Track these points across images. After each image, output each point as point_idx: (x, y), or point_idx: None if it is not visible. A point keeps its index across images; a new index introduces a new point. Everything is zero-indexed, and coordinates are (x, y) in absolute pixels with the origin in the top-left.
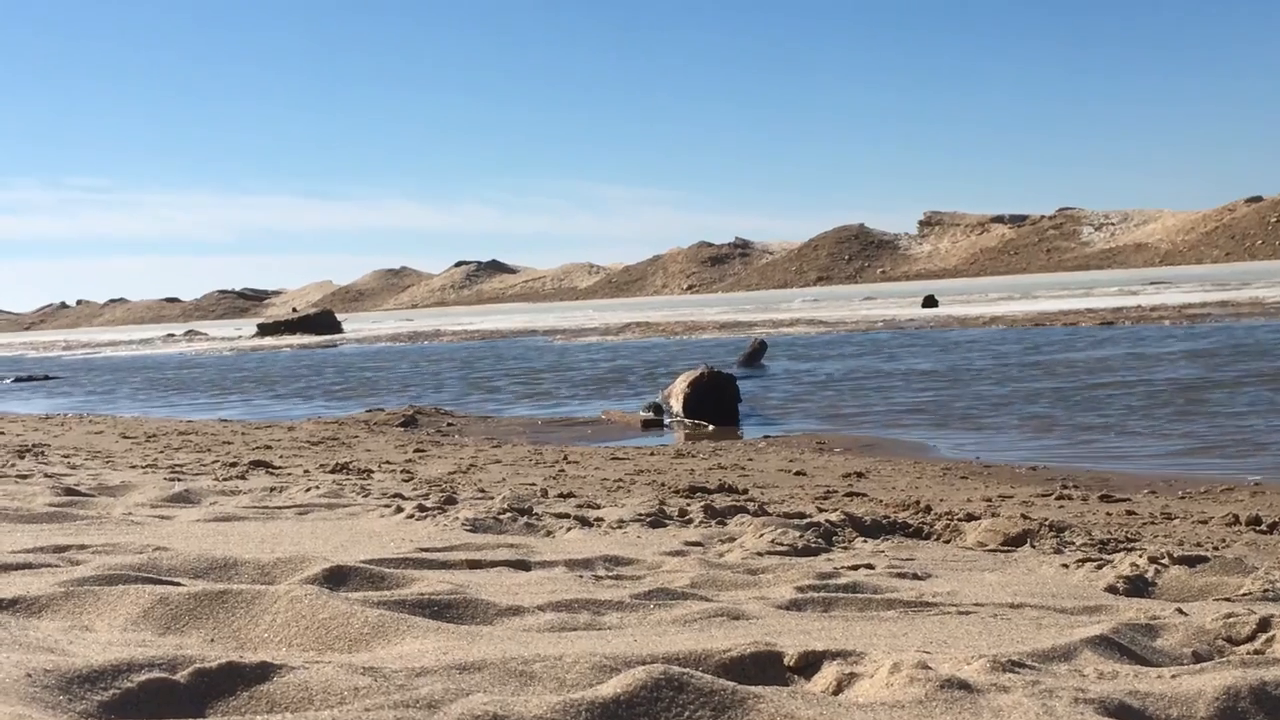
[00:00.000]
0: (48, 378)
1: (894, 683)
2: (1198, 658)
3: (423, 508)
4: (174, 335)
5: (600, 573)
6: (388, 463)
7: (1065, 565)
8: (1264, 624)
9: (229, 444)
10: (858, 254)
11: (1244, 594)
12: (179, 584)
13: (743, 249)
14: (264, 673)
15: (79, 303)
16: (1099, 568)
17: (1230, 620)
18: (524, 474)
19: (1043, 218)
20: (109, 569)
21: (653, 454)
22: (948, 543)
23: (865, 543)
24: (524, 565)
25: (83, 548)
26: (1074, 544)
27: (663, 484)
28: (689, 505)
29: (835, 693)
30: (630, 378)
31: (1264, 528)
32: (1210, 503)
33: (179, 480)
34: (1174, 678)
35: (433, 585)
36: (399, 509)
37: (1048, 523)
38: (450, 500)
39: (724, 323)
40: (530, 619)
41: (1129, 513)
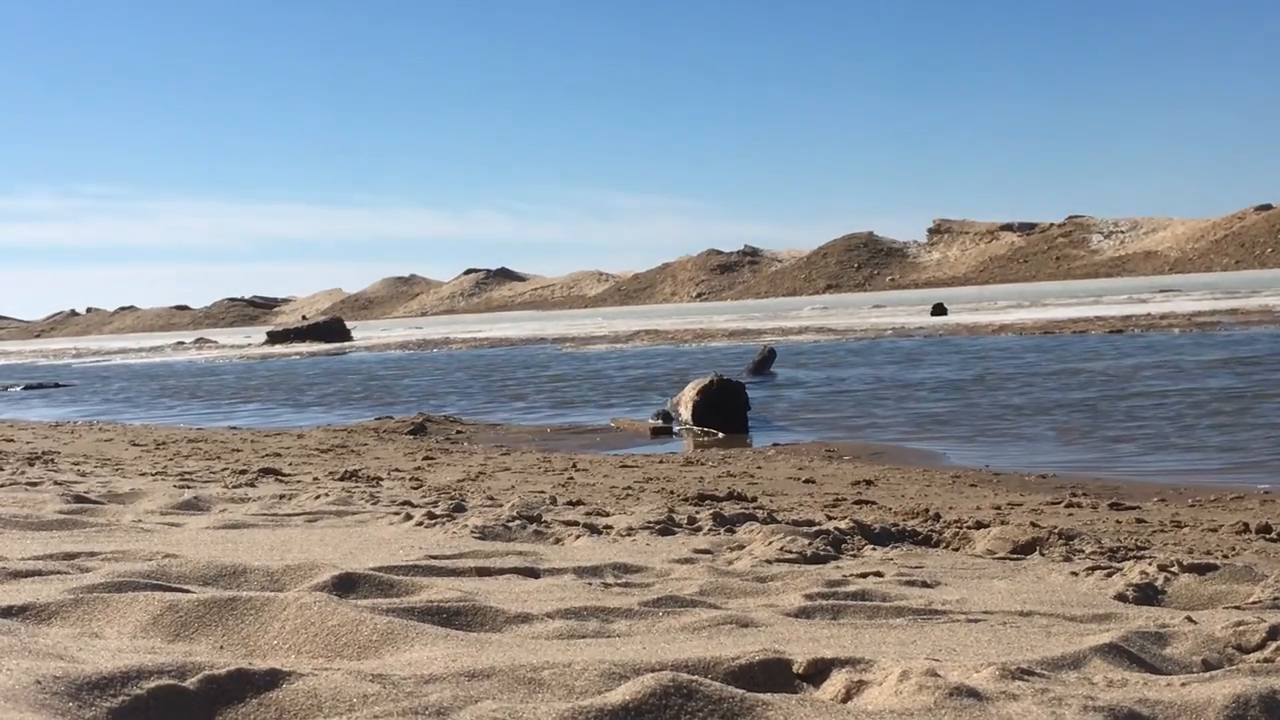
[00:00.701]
0: (58, 385)
1: (903, 690)
2: (1207, 666)
3: (432, 515)
4: (184, 343)
5: (609, 580)
6: (397, 470)
7: (1075, 573)
8: (1274, 632)
9: (238, 451)
10: (867, 262)
11: (1254, 602)
12: (188, 591)
13: (752, 257)
14: (273, 680)
15: (89, 310)
16: (1108, 575)
17: (1240, 628)
18: (533, 482)
19: (1052, 226)
20: (118, 576)
21: (662, 462)
22: (957, 550)
23: (874, 550)
24: (533, 573)
25: (92, 555)
26: (1083, 552)
27: (672, 492)
28: (698, 513)
29: (844, 700)
30: (639, 385)
31: (1274, 536)
32: (1220, 510)
33: (188, 488)
34: (1184, 686)
35: (442, 592)
36: (408, 516)
37: (1057, 530)
38: (459, 508)
39: (733, 331)
40: (539, 626)
41: (1139, 520)
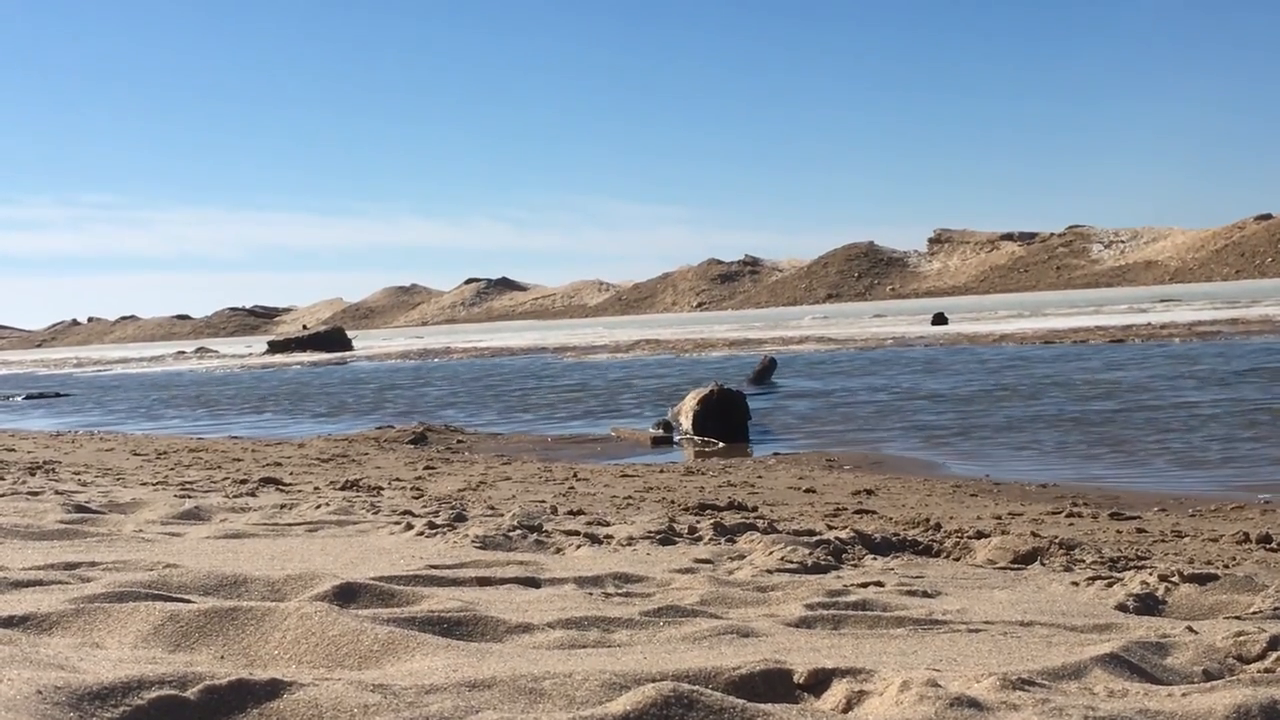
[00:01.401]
0: (59, 395)
1: (904, 701)
2: (1208, 676)
3: (433, 525)
4: (184, 352)
5: (610, 590)
6: (398, 480)
7: (1075, 583)
8: (1275, 642)
9: (239, 461)
10: (867, 271)
11: (1254, 612)
12: (189, 601)
13: (752, 266)
14: (274, 690)
15: (90, 320)
16: (1109, 585)
17: (1241, 638)
18: (534, 491)
19: (1052, 235)
20: (119, 586)
21: (662, 471)
22: (957, 560)
23: (875, 560)
24: (534, 582)
25: (93, 565)
26: (1084, 562)
27: (672, 501)
28: (699, 522)
29: (845, 710)
30: (640, 395)
31: (1274, 546)
32: (1220, 520)
33: (189, 497)
34: (1184, 696)
35: (443, 602)
36: (409, 526)
37: (1058, 540)
38: (460, 517)
39: (734, 340)
40: (540, 636)
41: (1139, 530)
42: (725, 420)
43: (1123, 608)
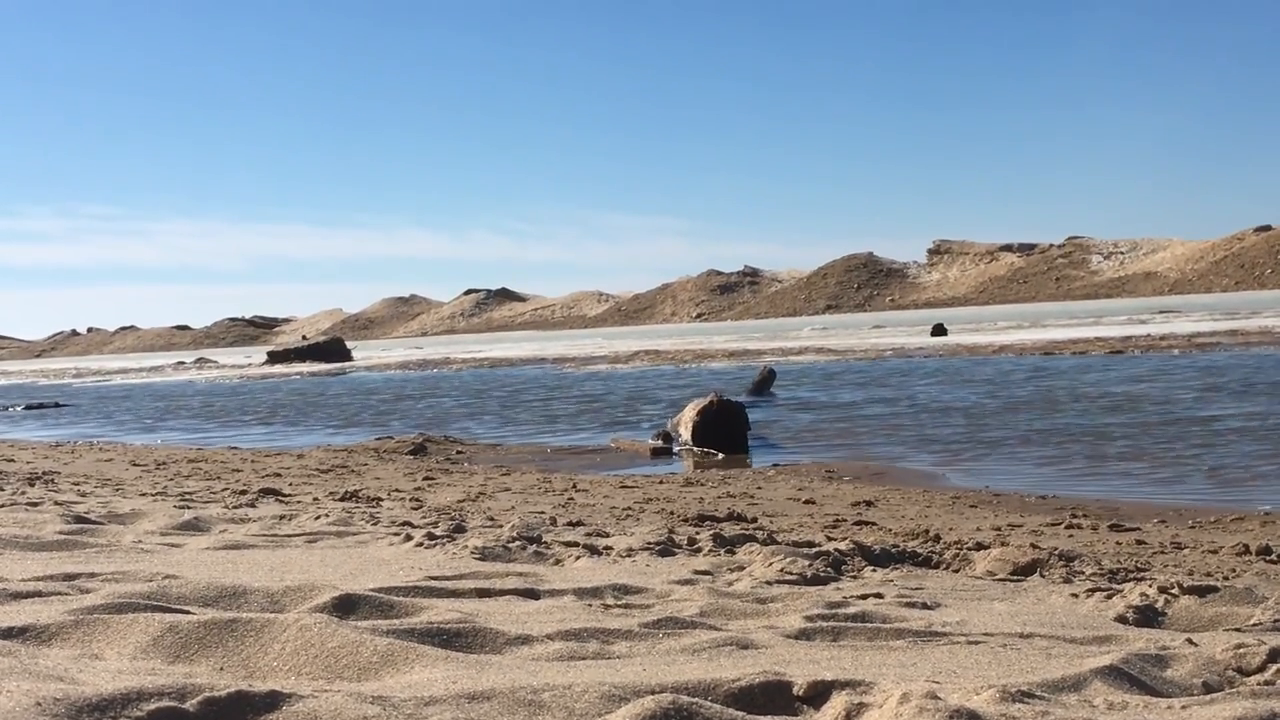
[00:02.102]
0: (58, 405)
1: (903, 713)
2: (1208, 688)
3: (432, 536)
4: (184, 363)
5: (609, 601)
6: (397, 490)
7: (1075, 595)
8: (1274, 654)
9: (238, 472)
10: (866, 282)
11: (1254, 624)
12: (188, 612)
13: (752, 277)
14: (273, 701)
15: (90, 330)
16: (1109, 597)
17: (1240, 651)
18: (533, 502)
19: (1051, 246)
20: (119, 597)
21: (662, 482)
22: (957, 572)
23: (874, 572)
24: (533, 594)
25: (92, 575)
26: (1084, 573)
27: (672, 512)
28: (698, 534)
29: None
30: (639, 406)
31: (1274, 558)
32: (1220, 532)
33: (188, 508)
34: (1184, 708)
35: (442, 614)
36: (408, 537)
37: (1057, 552)
38: (459, 528)
39: (733, 351)
40: (539, 648)
41: (1139, 542)
42: (725, 431)
43: (1122, 620)
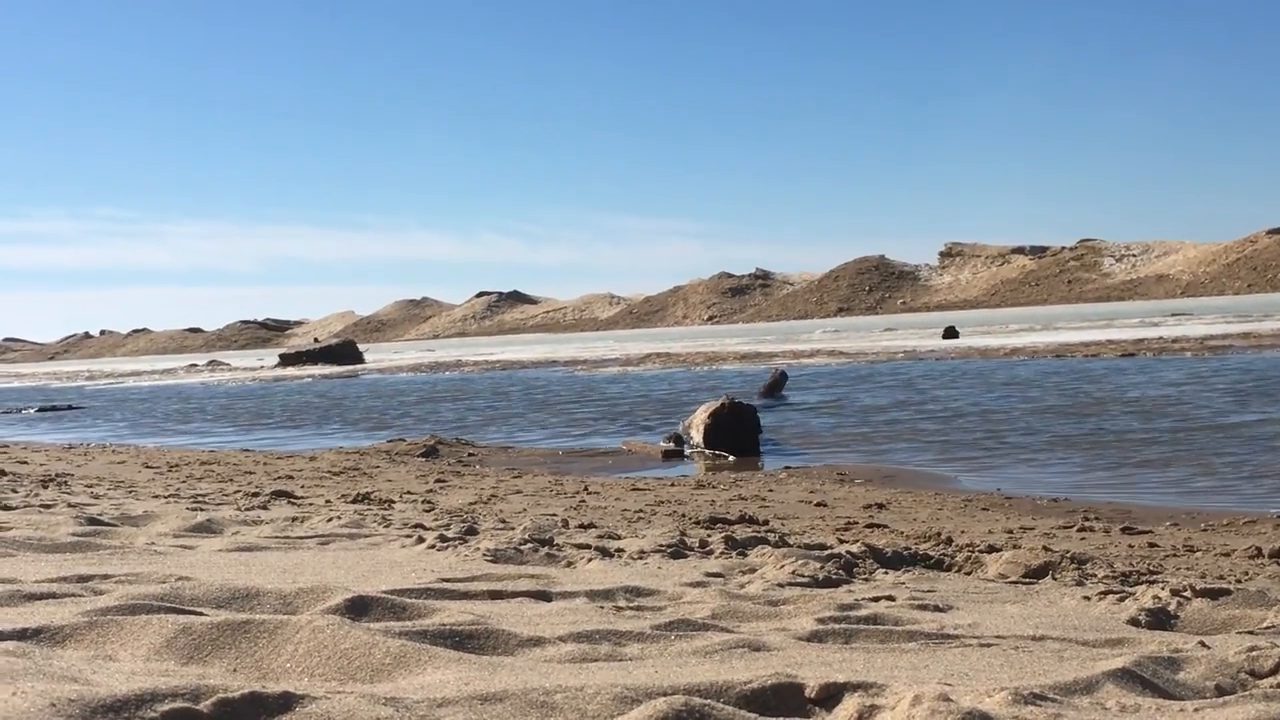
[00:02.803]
0: (71, 408)
1: (915, 715)
2: (1220, 691)
3: (444, 538)
4: (197, 365)
5: (621, 603)
6: (409, 493)
7: (1087, 597)
8: None
9: (251, 474)
10: (878, 285)
11: (1267, 627)
12: (202, 614)
13: (763, 280)
14: (286, 703)
15: (102, 333)
16: (1121, 600)
17: (1253, 653)
18: (545, 504)
19: (1063, 249)
20: (132, 599)
21: (673, 485)
22: (969, 574)
23: (886, 574)
24: (545, 596)
25: (106, 577)
26: (1096, 576)
27: (683, 515)
28: (710, 536)
29: None
30: (651, 408)
31: None
32: (1233, 535)
33: (201, 510)
34: (1197, 711)
35: (454, 616)
36: (420, 539)
37: (1069, 555)
38: (471, 531)
39: (745, 353)
40: (551, 650)
41: (1151, 545)
42: (736, 434)
43: (1135, 622)
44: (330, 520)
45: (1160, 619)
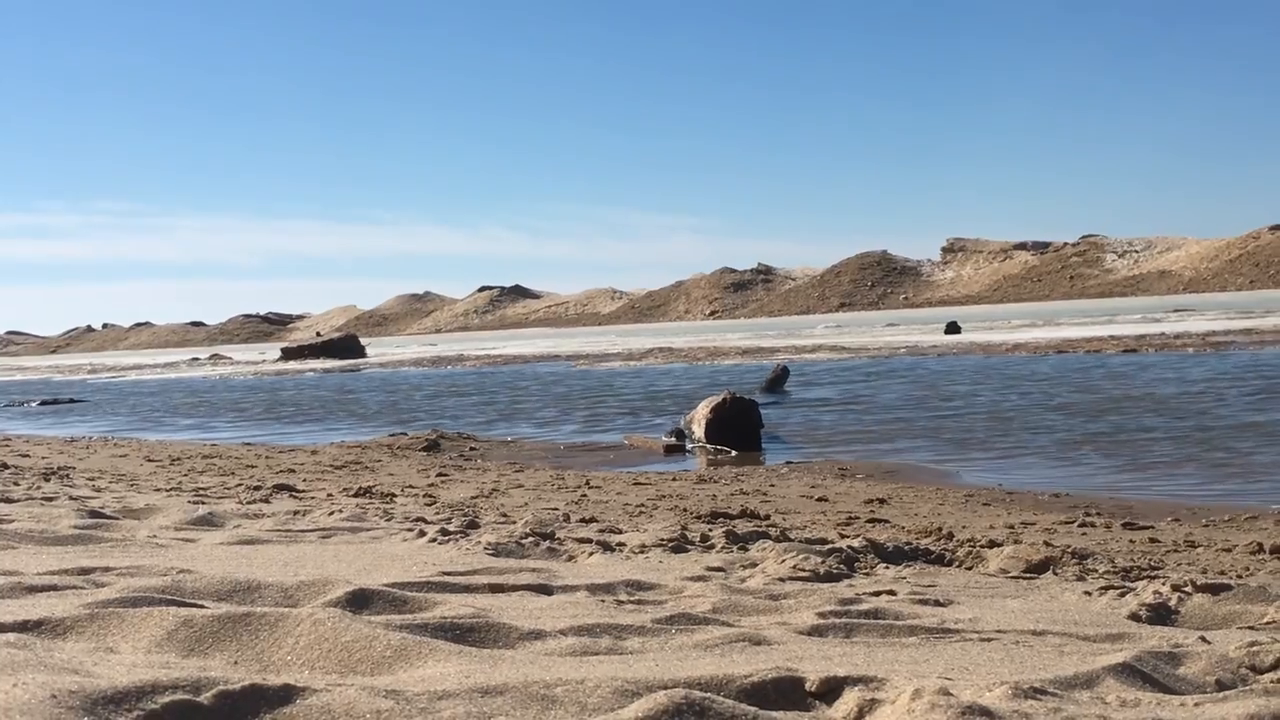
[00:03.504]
0: (73, 401)
1: (915, 709)
2: (1221, 686)
3: (445, 532)
4: (198, 359)
5: (622, 597)
6: (410, 487)
7: (1088, 592)
8: None
9: (252, 467)
10: (880, 280)
11: (1268, 622)
12: (203, 606)
13: (765, 275)
14: (287, 695)
15: (105, 326)
16: (1122, 595)
17: (1254, 648)
18: (546, 499)
19: (1066, 245)
20: (133, 591)
21: (675, 479)
22: (970, 569)
23: (887, 569)
24: (546, 589)
25: (107, 570)
26: (1097, 571)
27: (685, 509)
28: (711, 530)
29: (857, 719)
30: (652, 403)
31: None
32: (1234, 530)
33: (203, 503)
34: (1197, 706)
35: (455, 609)
36: (422, 533)
37: (1070, 550)
38: (473, 524)
39: (746, 349)
40: (552, 643)
41: (1152, 540)
42: (738, 428)
43: (1135, 617)
44: (332, 514)
45: (1161, 614)
